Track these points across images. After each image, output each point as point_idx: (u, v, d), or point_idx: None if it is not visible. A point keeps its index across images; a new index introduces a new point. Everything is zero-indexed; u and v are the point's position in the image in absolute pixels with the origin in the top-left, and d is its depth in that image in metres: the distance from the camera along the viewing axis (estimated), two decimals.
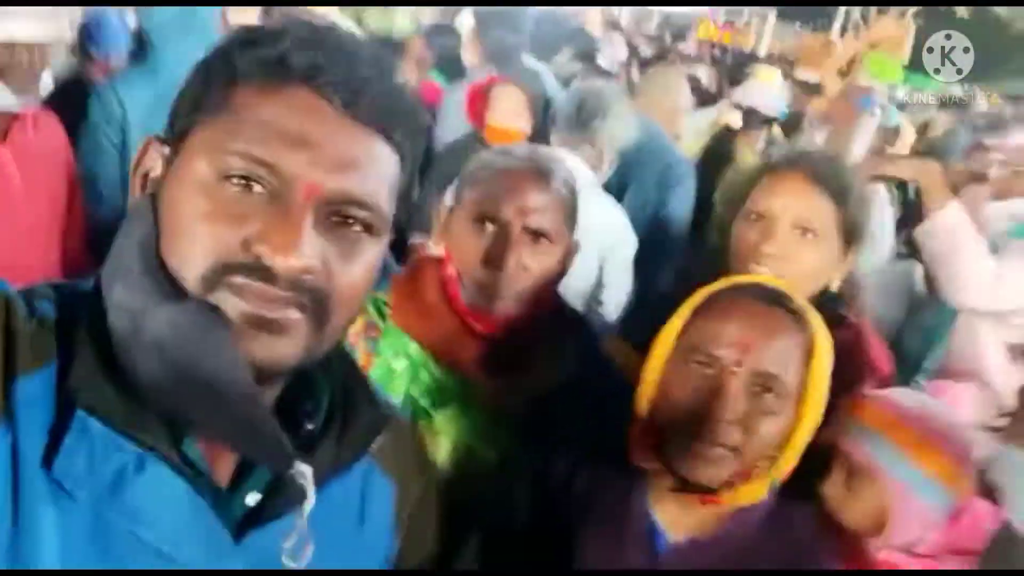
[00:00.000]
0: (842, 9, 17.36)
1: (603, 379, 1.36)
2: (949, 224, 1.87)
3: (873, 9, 6.81)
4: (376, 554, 0.82)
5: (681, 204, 3.03)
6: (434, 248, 1.33)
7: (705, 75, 5.73)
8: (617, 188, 2.61)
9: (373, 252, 0.69)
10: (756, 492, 1.04)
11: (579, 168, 2.32)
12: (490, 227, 1.24)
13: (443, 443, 1.26)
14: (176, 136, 0.67)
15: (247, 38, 0.67)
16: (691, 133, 3.97)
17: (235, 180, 0.63)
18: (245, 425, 0.63)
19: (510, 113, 2.83)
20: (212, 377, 0.61)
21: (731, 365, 1.01)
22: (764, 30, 13.36)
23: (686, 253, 3.00)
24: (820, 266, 1.43)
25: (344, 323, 0.70)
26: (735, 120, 3.90)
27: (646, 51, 7.37)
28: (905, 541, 1.26)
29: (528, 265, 1.23)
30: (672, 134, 3.36)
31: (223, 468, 0.69)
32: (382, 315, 1.32)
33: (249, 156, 0.63)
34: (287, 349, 0.64)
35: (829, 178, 1.42)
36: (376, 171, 0.67)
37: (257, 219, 0.62)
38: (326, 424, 0.73)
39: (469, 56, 3.54)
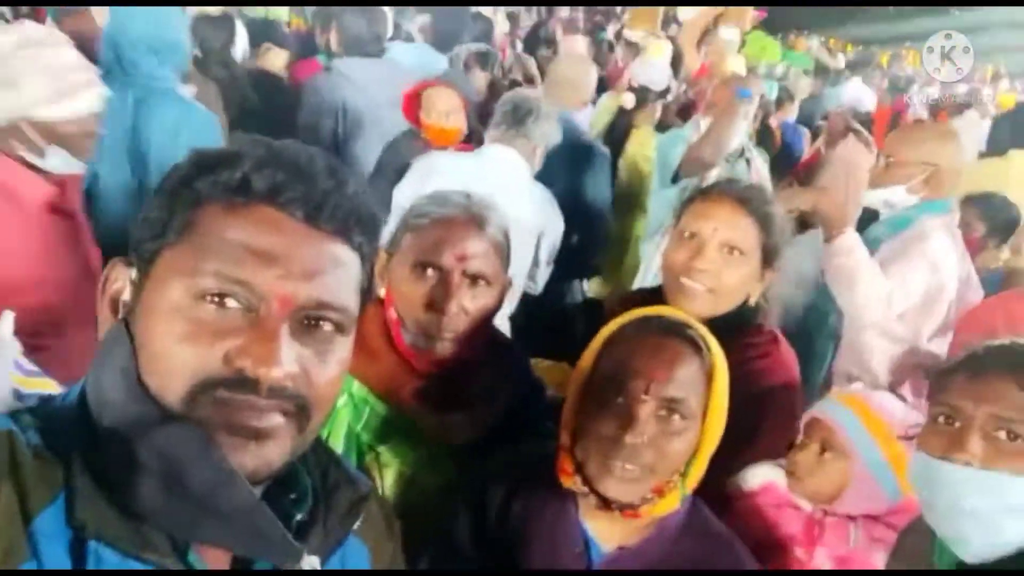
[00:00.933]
0: None
1: (534, 401, 1.46)
2: (847, 247, 2.09)
3: None
4: None
5: (600, 187, 3.22)
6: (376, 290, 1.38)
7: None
8: (543, 177, 2.79)
9: (344, 348, 0.73)
10: (671, 503, 1.16)
11: (516, 160, 2.64)
12: (431, 273, 1.30)
13: (388, 475, 1.33)
14: (143, 260, 0.70)
15: (206, 162, 0.70)
16: (596, 115, 4.31)
17: (210, 298, 0.66)
18: (253, 532, 0.67)
19: (445, 114, 2.95)
20: (213, 494, 0.64)
21: (640, 393, 1.11)
22: None
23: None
24: (743, 281, 1.59)
25: (323, 419, 0.74)
26: (629, 101, 4.15)
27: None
28: (846, 511, 1.44)
29: (467, 308, 1.30)
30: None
31: (220, 565, 0.72)
32: None
33: (223, 276, 0.66)
34: (274, 454, 0.68)
35: (755, 204, 1.58)
36: (341, 274, 0.72)
37: (235, 334, 0.65)
38: (312, 511, 0.77)
39: (332, 43, 3.60)
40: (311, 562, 0.71)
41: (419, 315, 1.30)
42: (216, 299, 0.66)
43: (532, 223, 2.63)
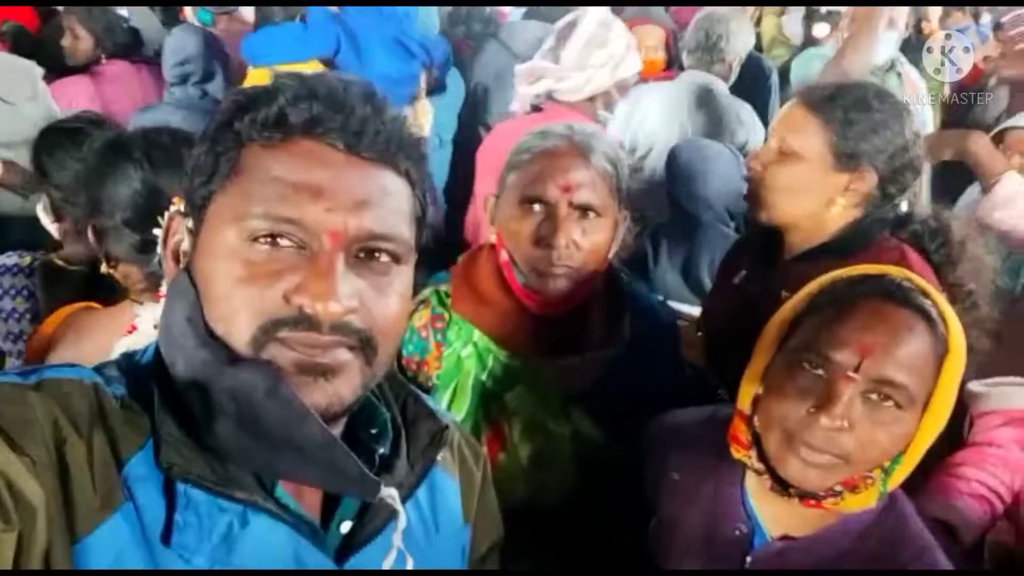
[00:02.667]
0: None
1: (663, 350, 1.37)
2: (1007, 195, 1.81)
3: None
4: (455, 551, 0.86)
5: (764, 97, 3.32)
6: (488, 235, 1.35)
7: None
8: None
9: (404, 279, 0.72)
10: (864, 501, 0.97)
11: (713, 83, 2.78)
12: (537, 208, 1.25)
13: (516, 423, 1.30)
14: (196, 208, 0.70)
15: (242, 102, 0.70)
16: None
17: (263, 240, 0.66)
18: (330, 467, 0.67)
19: (654, 48, 3.11)
20: (288, 432, 0.64)
21: (847, 370, 0.92)
22: None
23: None
24: (812, 187, 1.42)
25: (391, 351, 0.73)
26: None
27: None
28: None
29: (578, 241, 1.23)
30: None
31: (312, 503, 0.73)
32: (445, 306, 1.36)
33: (272, 216, 0.65)
34: (345, 389, 0.68)
35: (823, 105, 1.41)
36: (391, 203, 0.70)
37: (291, 272, 0.65)
38: (394, 445, 0.77)
39: None
40: (390, 494, 0.70)
41: (529, 252, 1.25)
42: (268, 240, 0.66)
43: (747, 133, 2.71)
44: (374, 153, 0.69)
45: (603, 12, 2.26)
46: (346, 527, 0.73)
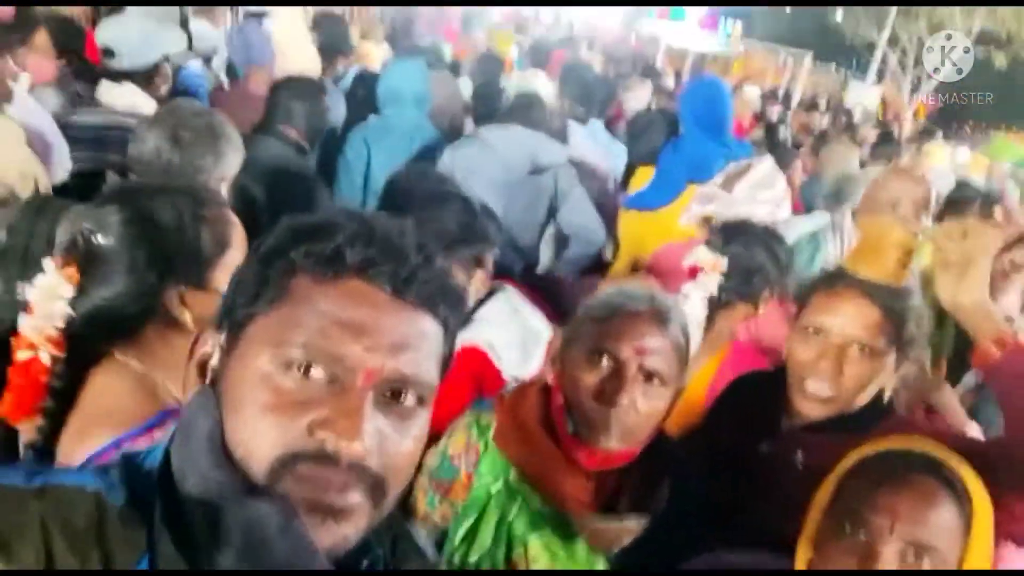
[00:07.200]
0: (879, 53, 17.29)
1: (696, 523, 1.36)
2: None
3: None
4: None
5: None
6: (544, 375, 1.34)
7: None
8: None
9: (423, 422, 0.73)
10: None
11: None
12: (606, 363, 1.24)
13: (536, 567, 1.25)
14: (234, 325, 0.71)
15: (302, 232, 0.71)
16: None
17: (296, 368, 0.66)
18: None
19: None
20: (291, 568, 0.63)
21: (884, 532, 1.04)
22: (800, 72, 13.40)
23: None
24: (874, 378, 1.44)
25: (398, 493, 0.72)
26: None
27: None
28: None
29: (639, 405, 1.23)
30: None
31: None
32: (483, 436, 1.33)
33: (311, 347, 0.66)
34: (351, 531, 0.67)
35: (884, 297, 1.42)
36: (427, 347, 0.72)
37: (319, 405, 0.65)
38: None
39: None
40: None
41: (588, 404, 1.24)
42: (302, 369, 0.66)
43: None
44: (419, 298, 0.71)
45: (772, 162, 2.58)
46: None
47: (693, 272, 1.89)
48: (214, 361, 0.72)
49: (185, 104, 2.09)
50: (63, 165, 2.36)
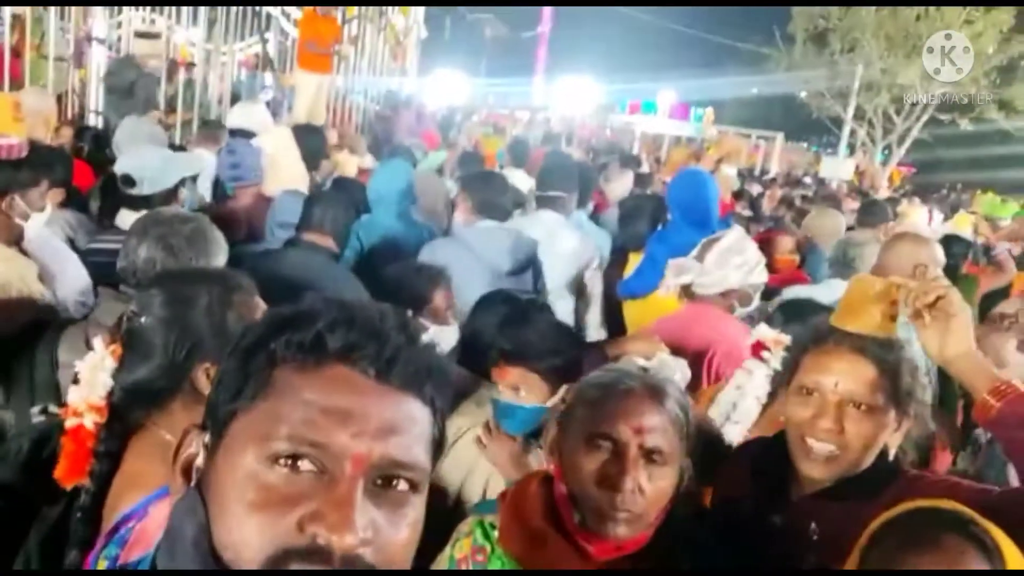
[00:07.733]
0: (847, 129, 17.92)
1: None
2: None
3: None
4: None
5: None
6: (544, 464, 1.32)
7: None
8: None
9: (417, 509, 0.70)
10: None
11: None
12: (605, 446, 1.21)
13: None
14: (217, 424, 0.69)
15: (281, 321, 0.70)
16: None
17: (283, 462, 0.64)
18: None
19: (789, 252, 4.01)
20: None
21: None
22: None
23: None
24: (876, 435, 1.39)
25: None
26: None
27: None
28: None
29: (644, 486, 1.18)
30: None
31: None
32: (489, 539, 1.28)
33: (297, 438, 0.64)
34: None
35: (875, 351, 1.39)
36: (415, 430, 0.69)
37: (308, 499, 0.63)
38: None
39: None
40: None
41: (591, 491, 1.19)
42: (289, 462, 0.64)
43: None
44: (403, 381, 0.69)
45: (741, 232, 2.73)
46: None
47: (755, 349, 1.87)
48: (199, 462, 0.70)
49: (167, 212, 2.12)
50: (76, 288, 2.36)
